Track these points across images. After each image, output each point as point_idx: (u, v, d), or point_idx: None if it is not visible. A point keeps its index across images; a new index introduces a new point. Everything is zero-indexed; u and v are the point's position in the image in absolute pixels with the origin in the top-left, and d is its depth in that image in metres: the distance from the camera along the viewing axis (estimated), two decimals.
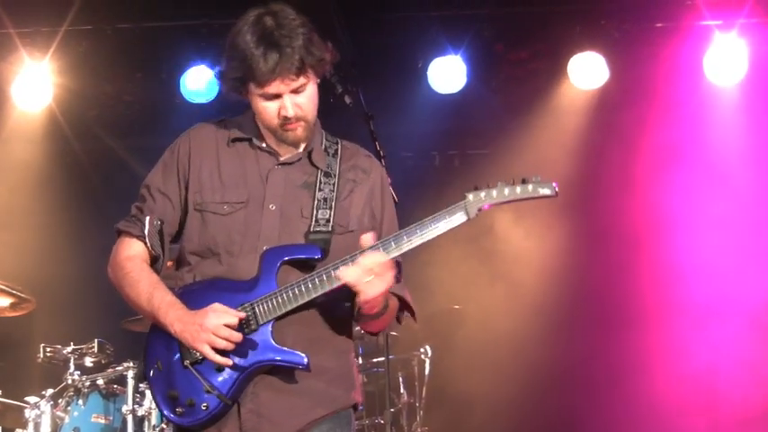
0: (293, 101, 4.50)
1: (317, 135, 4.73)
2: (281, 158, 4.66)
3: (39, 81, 10.01)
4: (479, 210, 4.41)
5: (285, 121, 4.52)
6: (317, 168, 4.67)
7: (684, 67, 9.99)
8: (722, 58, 9.79)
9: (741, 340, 10.09)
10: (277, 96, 4.49)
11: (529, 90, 10.46)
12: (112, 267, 4.67)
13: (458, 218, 4.42)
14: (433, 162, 11.36)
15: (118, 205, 4.85)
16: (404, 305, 4.75)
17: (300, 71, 4.45)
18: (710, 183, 10.31)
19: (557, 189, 4.42)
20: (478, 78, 10.28)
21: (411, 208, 4.53)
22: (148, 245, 4.62)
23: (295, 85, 4.47)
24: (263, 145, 4.67)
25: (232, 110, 4.84)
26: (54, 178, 10.70)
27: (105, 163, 10.93)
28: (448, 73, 10.12)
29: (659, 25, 9.90)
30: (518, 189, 4.43)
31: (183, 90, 10.15)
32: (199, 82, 10.02)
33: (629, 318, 10.35)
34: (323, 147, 4.74)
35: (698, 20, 9.73)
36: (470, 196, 4.41)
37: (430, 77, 10.16)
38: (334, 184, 4.64)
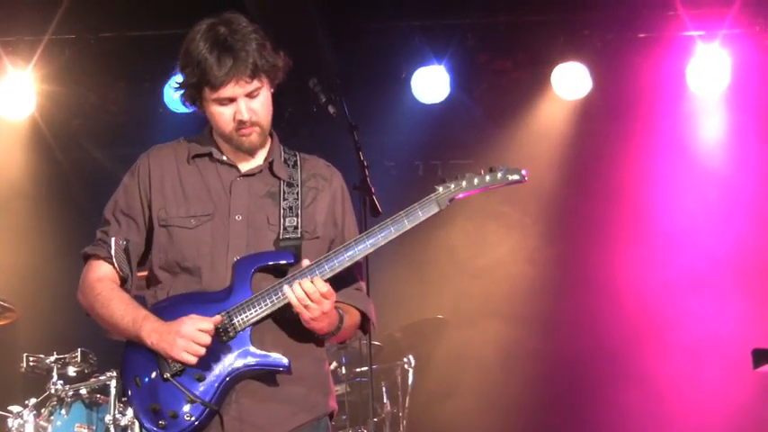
0: (248, 105, 4.54)
1: (275, 148, 4.78)
2: (243, 170, 4.69)
3: (22, 90, 9.99)
4: (451, 200, 4.56)
5: (240, 125, 4.55)
6: (279, 179, 4.71)
7: (667, 77, 10.01)
8: (705, 68, 9.81)
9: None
10: (231, 101, 4.52)
11: (512, 100, 10.48)
12: (82, 291, 4.69)
13: (430, 210, 4.56)
14: (417, 172, 11.33)
15: (101, 214, 4.84)
16: (365, 318, 4.78)
17: (254, 74, 4.49)
18: (693, 193, 10.34)
19: (525, 175, 4.53)
20: (462, 88, 10.29)
21: None
22: (116, 266, 4.64)
23: (249, 88, 4.51)
24: (224, 158, 4.70)
25: None
26: (37, 187, 10.68)
27: (89, 172, 10.89)
28: (431, 83, 10.13)
29: (642, 36, 9.93)
30: (487, 178, 4.57)
31: (166, 99, 10.15)
32: None
33: (614, 321, 10.38)
34: (282, 159, 4.78)
35: (681, 30, 9.76)
36: (440, 188, 4.59)
37: (413, 87, 10.17)
38: (297, 193, 4.68)
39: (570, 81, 10.05)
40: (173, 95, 10.02)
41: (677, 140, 10.35)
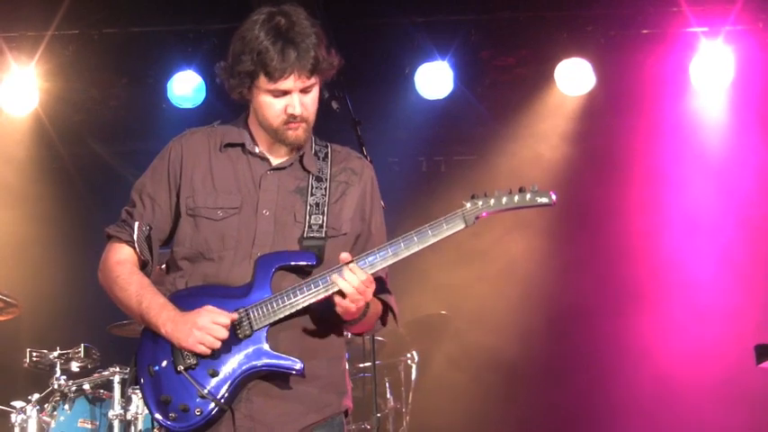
0: (301, 100, 4.49)
1: (307, 140, 4.70)
2: (273, 164, 4.64)
3: (25, 86, 9.98)
4: (477, 218, 4.48)
5: (291, 119, 4.50)
6: (309, 173, 4.66)
7: (671, 73, 10.02)
8: (708, 65, 9.81)
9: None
10: (285, 94, 4.48)
11: (515, 96, 10.48)
12: (102, 271, 4.65)
13: (456, 225, 4.47)
14: (420, 168, 11.34)
15: (104, 210, 4.85)
16: (387, 311, 4.75)
17: (314, 70, 4.46)
18: (695, 188, 10.34)
19: (554, 198, 4.52)
20: (465, 84, 10.29)
21: (397, 213, 4.53)
22: (137, 250, 4.60)
23: (307, 83, 4.47)
24: (256, 150, 4.65)
25: (218, 115, 4.83)
26: (40, 183, 10.67)
27: (91, 168, 10.90)
28: (435, 79, 10.12)
29: (646, 32, 9.93)
30: (516, 198, 4.53)
31: (169, 95, 10.12)
32: (185, 87, 10.00)
33: (615, 323, 10.37)
34: (313, 151, 4.72)
35: (684, 27, 9.76)
36: (468, 205, 4.49)
37: (417, 83, 10.16)
38: (325, 189, 4.63)
39: (573, 77, 10.04)
40: (173, 89, 10.08)
41: (680, 136, 10.35)
